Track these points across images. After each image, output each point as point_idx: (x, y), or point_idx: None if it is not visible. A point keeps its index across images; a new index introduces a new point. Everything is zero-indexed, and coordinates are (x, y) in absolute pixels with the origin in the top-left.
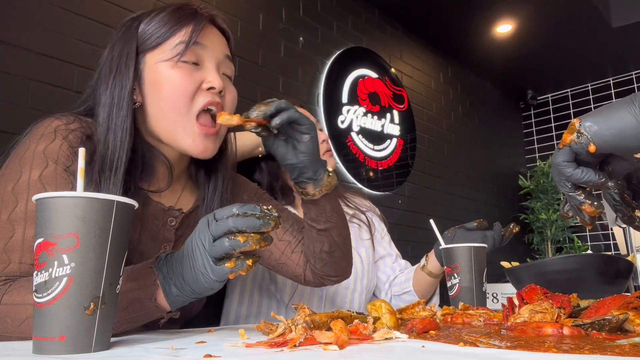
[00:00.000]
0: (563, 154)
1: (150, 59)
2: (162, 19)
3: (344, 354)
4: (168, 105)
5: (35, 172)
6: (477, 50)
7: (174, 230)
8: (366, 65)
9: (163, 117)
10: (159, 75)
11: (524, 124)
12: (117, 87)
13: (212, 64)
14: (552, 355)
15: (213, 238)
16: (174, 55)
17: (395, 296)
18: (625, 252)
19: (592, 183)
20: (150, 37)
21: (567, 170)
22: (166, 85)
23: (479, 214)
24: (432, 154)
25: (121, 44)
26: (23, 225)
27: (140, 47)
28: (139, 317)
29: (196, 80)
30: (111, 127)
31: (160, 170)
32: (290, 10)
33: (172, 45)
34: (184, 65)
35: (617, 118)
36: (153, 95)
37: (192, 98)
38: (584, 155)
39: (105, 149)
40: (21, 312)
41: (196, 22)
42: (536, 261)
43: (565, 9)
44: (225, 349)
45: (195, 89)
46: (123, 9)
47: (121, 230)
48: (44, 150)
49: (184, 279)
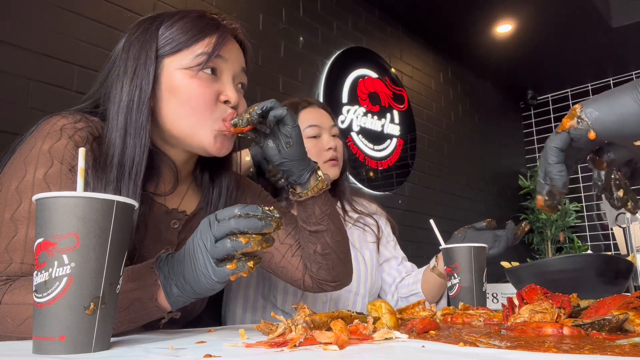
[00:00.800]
0: (559, 139)
1: (168, 64)
2: (184, 25)
3: (344, 354)
4: (188, 112)
5: (40, 171)
6: (477, 50)
7: (177, 232)
8: (366, 65)
9: (181, 121)
10: (177, 82)
11: (524, 124)
12: (137, 90)
13: (229, 77)
14: (552, 355)
15: (215, 239)
16: (194, 65)
17: (402, 298)
18: (625, 252)
19: (558, 185)
20: (170, 42)
21: (551, 158)
22: (185, 93)
23: (478, 214)
24: (432, 154)
25: (139, 44)
26: (26, 225)
27: (160, 51)
28: (140, 317)
29: (214, 91)
30: (129, 131)
31: (166, 173)
32: (290, 10)
33: (194, 54)
34: (203, 75)
35: (620, 104)
36: (169, 100)
37: (212, 108)
38: (581, 142)
39: (123, 153)
40: (21, 312)
41: (220, 34)
42: (536, 261)
43: (565, 9)
44: (225, 349)
45: (214, 99)
46: (123, 8)
47: (121, 230)
48: (49, 149)
49: (185, 279)
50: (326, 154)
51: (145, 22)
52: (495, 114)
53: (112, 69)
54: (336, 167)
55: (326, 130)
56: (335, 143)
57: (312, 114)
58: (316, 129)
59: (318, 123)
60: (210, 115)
